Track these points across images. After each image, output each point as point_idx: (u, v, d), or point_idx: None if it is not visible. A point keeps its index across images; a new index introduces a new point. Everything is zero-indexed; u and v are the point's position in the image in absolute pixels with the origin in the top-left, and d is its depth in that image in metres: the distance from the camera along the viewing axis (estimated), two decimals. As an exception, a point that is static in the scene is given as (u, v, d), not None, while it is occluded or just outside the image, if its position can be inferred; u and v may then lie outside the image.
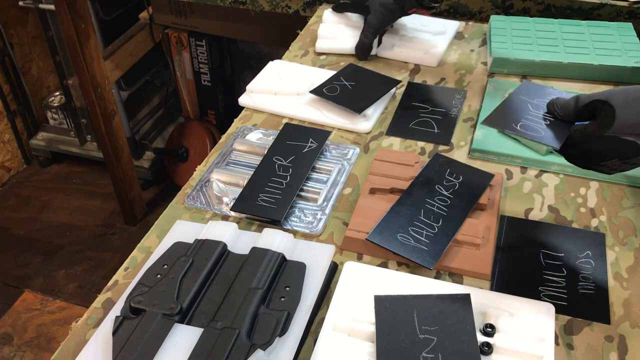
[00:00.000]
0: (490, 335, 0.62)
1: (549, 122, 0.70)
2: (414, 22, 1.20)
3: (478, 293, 0.67)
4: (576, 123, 0.70)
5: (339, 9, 1.22)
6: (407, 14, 1.12)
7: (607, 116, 0.64)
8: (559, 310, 0.67)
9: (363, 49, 1.14)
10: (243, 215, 0.81)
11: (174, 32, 1.97)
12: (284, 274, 0.68)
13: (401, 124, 0.98)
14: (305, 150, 0.89)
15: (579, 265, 0.73)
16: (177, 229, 0.77)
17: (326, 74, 1.06)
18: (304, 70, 1.10)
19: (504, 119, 0.71)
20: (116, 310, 0.66)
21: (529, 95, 0.75)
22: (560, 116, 0.71)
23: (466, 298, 0.65)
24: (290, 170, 0.85)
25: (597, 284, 0.70)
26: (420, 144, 0.94)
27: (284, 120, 0.99)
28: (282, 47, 1.24)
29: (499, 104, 0.75)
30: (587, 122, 0.68)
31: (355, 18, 1.20)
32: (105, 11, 1.92)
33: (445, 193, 0.79)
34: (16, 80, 2.24)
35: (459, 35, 1.22)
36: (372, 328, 0.63)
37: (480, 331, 0.62)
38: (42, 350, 1.69)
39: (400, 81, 1.06)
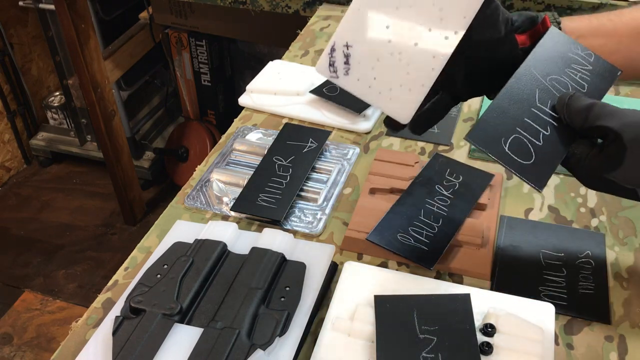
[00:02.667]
0: (490, 335, 0.62)
1: (549, 131, 0.58)
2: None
3: (478, 293, 0.67)
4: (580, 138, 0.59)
5: None
6: None
7: (615, 155, 0.54)
8: (559, 310, 0.67)
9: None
10: (243, 215, 0.81)
11: (174, 32, 1.97)
12: (284, 274, 0.68)
13: (401, 124, 0.98)
14: (305, 150, 0.89)
15: (579, 265, 0.73)
16: (177, 229, 0.77)
17: (326, 74, 1.06)
18: (304, 70, 1.10)
19: (493, 129, 0.56)
20: (116, 310, 0.65)
21: (545, 68, 0.60)
22: (567, 122, 0.59)
23: (466, 298, 0.64)
24: (290, 170, 0.85)
25: (597, 284, 0.70)
26: (420, 144, 0.94)
27: (284, 120, 0.99)
28: (282, 47, 1.24)
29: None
30: (587, 147, 0.57)
31: None
32: (105, 11, 1.92)
33: (445, 193, 0.79)
34: (16, 80, 2.24)
35: (459, 35, 1.22)
36: (372, 328, 0.63)
37: (480, 331, 0.62)
38: (42, 350, 1.69)
39: (400, 81, 1.05)
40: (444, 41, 0.57)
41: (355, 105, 0.98)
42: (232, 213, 0.81)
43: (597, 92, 0.62)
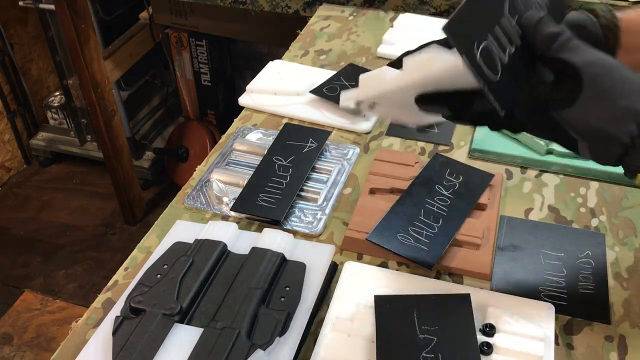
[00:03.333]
0: (490, 335, 0.62)
1: (513, 49, 0.52)
2: (414, 22, 1.20)
3: (478, 293, 0.67)
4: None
5: None
6: None
7: (568, 95, 0.50)
8: (559, 310, 0.67)
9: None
10: (243, 215, 0.81)
11: (174, 32, 1.97)
12: (284, 274, 0.68)
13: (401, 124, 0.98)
14: (305, 150, 0.89)
15: (579, 265, 0.73)
16: (177, 229, 0.77)
17: (326, 74, 1.06)
18: (304, 70, 1.10)
19: (468, 26, 0.50)
20: (116, 310, 0.65)
21: None
22: (530, 45, 0.53)
23: (466, 298, 0.65)
24: (290, 170, 0.85)
25: (597, 284, 0.70)
26: (420, 144, 0.94)
27: (284, 120, 0.99)
28: (282, 47, 1.24)
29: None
30: (543, 80, 0.52)
31: None
32: (105, 11, 1.92)
33: (445, 193, 0.79)
34: (16, 80, 2.24)
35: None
36: (372, 328, 0.63)
37: (480, 331, 0.62)
38: (42, 350, 1.69)
39: (400, 81, 1.05)
40: None
41: (355, 105, 0.98)
42: (232, 213, 0.81)
43: (556, 14, 0.57)
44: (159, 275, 0.67)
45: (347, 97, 0.66)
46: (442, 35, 0.50)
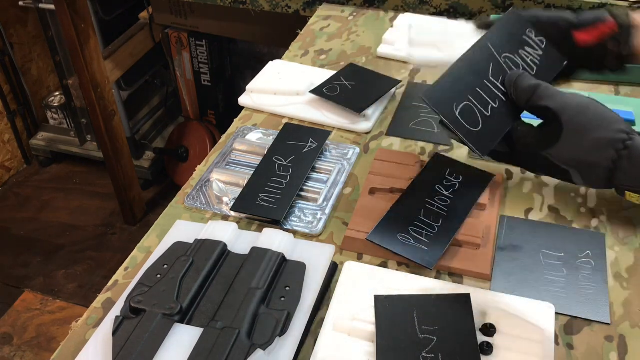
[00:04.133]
0: (490, 335, 0.62)
1: (497, 104, 0.61)
2: (414, 22, 1.20)
3: (478, 293, 0.67)
4: (524, 116, 0.62)
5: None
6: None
7: (552, 135, 0.58)
8: (559, 310, 0.67)
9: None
10: (243, 215, 0.81)
11: (174, 32, 1.97)
12: (284, 274, 0.68)
13: (401, 124, 0.98)
14: (305, 150, 0.89)
15: (579, 265, 0.73)
16: (177, 229, 0.77)
17: (326, 74, 1.06)
18: (304, 70, 1.10)
19: (447, 93, 0.60)
20: (116, 310, 0.66)
21: (501, 46, 0.64)
22: (513, 99, 0.63)
23: (466, 298, 0.65)
24: (290, 170, 0.85)
25: (597, 284, 0.70)
26: (420, 144, 0.94)
27: (284, 120, 0.99)
28: (282, 47, 1.24)
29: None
30: (531, 126, 0.61)
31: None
32: (105, 11, 1.93)
33: (445, 193, 0.79)
34: (16, 80, 2.24)
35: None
36: (372, 328, 0.63)
37: (480, 331, 0.62)
38: (42, 350, 1.69)
39: (400, 81, 1.06)
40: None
41: (355, 105, 0.98)
42: (232, 213, 0.81)
43: (545, 76, 0.66)
44: (159, 275, 0.67)
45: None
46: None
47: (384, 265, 0.74)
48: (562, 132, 0.57)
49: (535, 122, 0.66)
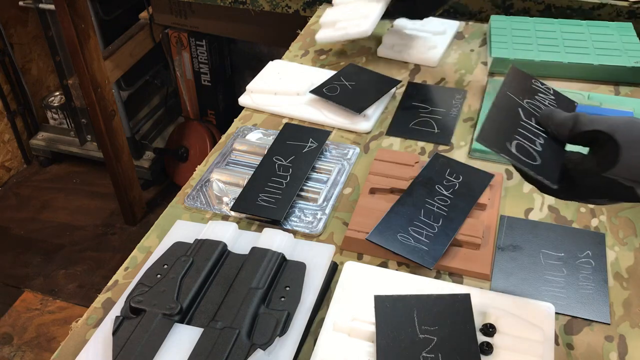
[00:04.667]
0: (490, 335, 0.62)
1: (542, 141, 0.62)
2: (414, 22, 1.20)
3: (478, 293, 0.67)
4: (568, 149, 0.63)
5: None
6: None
7: (610, 154, 0.57)
8: (559, 310, 0.67)
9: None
10: (243, 215, 0.81)
11: (174, 32, 1.97)
12: (284, 274, 0.68)
13: (401, 124, 0.98)
14: (305, 150, 0.89)
15: (579, 265, 0.73)
16: (177, 229, 0.77)
17: (326, 74, 1.06)
18: (304, 70, 1.10)
19: (497, 134, 0.61)
20: (116, 310, 0.66)
21: (519, 93, 0.66)
22: (553, 134, 0.63)
23: (466, 298, 0.65)
24: (290, 170, 0.85)
25: (597, 284, 0.70)
26: (420, 144, 0.94)
27: (284, 120, 0.99)
28: (282, 47, 1.24)
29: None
30: (581, 153, 0.61)
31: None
32: (105, 11, 1.92)
33: (445, 193, 0.79)
34: (16, 80, 2.24)
35: (459, 35, 1.22)
36: (372, 328, 0.63)
37: (480, 331, 0.62)
38: (42, 350, 1.69)
39: (400, 81, 1.06)
40: None
41: (355, 105, 0.98)
42: (232, 213, 0.81)
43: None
44: (159, 275, 0.67)
45: None
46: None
47: (384, 265, 0.74)
48: (619, 150, 0.56)
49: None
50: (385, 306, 0.64)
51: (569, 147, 0.63)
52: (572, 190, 0.62)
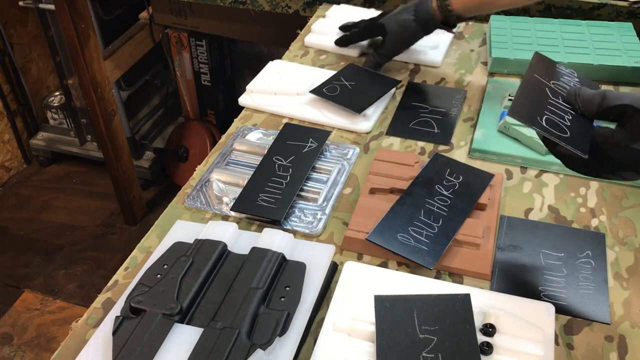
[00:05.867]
0: (490, 335, 0.62)
1: (570, 117, 0.65)
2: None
3: (478, 293, 0.67)
4: (596, 124, 0.65)
5: (346, 39, 1.14)
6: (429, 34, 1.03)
7: (639, 126, 0.59)
8: (559, 310, 0.67)
9: (374, 69, 1.08)
10: (243, 215, 0.81)
11: (174, 32, 1.97)
12: (284, 274, 0.68)
13: (401, 124, 0.98)
14: (305, 150, 0.89)
15: (579, 265, 0.73)
16: (177, 229, 0.77)
17: (326, 74, 1.06)
18: (304, 70, 1.10)
19: (528, 109, 0.64)
20: (116, 310, 0.66)
21: (544, 75, 0.69)
22: (581, 110, 0.65)
23: (466, 298, 0.65)
24: (290, 170, 0.85)
25: (597, 284, 0.70)
26: (420, 144, 0.94)
27: (284, 120, 0.99)
28: (282, 47, 1.24)
29: (517, 89, 0.69)
30: (610, 127, 0.63)
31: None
32: (105, 11, 1.92)
33: (445, 193, 0.79)
34: (16, 80, 2.24)
35: (459, 35, 1.22)
36: (372, 328, 0.63)
37: (480, 331, 0.62)
38: (42, 350, 1.69)
39: (400, 81, 1.06)
40: None
41: (355, 105, 0.98)
42: (232, 213, 0.81)
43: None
44: (159, 275, 0.67)
45: None
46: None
47: (384, 265, 0.74)
48: None
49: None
50: (385, 306, 0.64)
51: (596, 124, 0.66)
52: (600, 164, 0.64)
